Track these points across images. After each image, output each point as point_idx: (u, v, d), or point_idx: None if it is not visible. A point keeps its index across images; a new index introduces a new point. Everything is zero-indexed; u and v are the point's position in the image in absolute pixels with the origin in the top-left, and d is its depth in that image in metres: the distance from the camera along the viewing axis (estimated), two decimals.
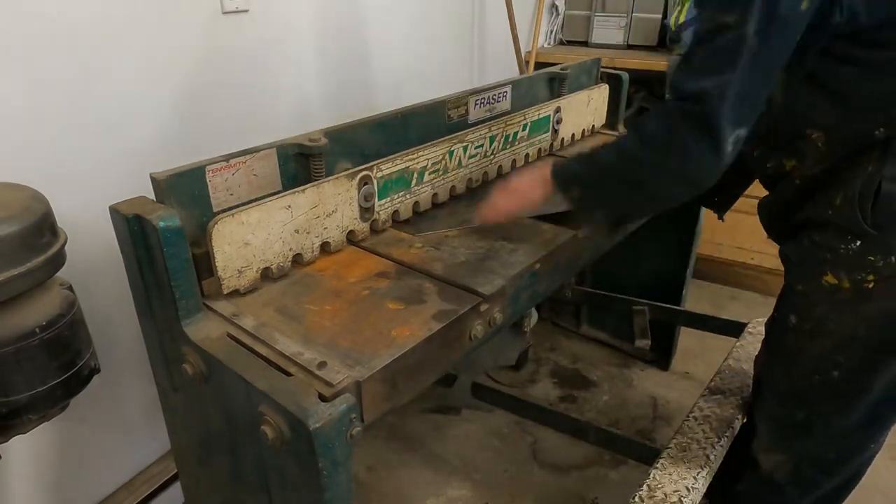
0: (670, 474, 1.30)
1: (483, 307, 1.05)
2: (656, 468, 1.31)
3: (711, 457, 1.35)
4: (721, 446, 1.38)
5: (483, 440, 1.95)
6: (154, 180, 0.99)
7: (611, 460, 1.86)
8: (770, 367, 1.28)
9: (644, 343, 2.14)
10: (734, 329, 1.90)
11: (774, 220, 1.23)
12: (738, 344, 1.73)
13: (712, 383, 1.58)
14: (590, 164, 1.15)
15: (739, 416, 1.48)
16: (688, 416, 1.47)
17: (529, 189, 1.22)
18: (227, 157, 1.07)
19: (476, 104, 1.59)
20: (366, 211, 1.23)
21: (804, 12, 0.90)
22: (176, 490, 1.53)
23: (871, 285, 1.02)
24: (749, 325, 1.80)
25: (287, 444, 0.80)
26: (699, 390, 2.12)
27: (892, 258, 1.00)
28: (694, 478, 1.28)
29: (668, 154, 1.01)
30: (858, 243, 1.01)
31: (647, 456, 1.58)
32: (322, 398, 0.80)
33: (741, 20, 0.89)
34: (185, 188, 1.02)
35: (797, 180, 1.13)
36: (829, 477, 1.26)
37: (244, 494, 1.01)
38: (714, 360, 2.12)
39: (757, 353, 1.40)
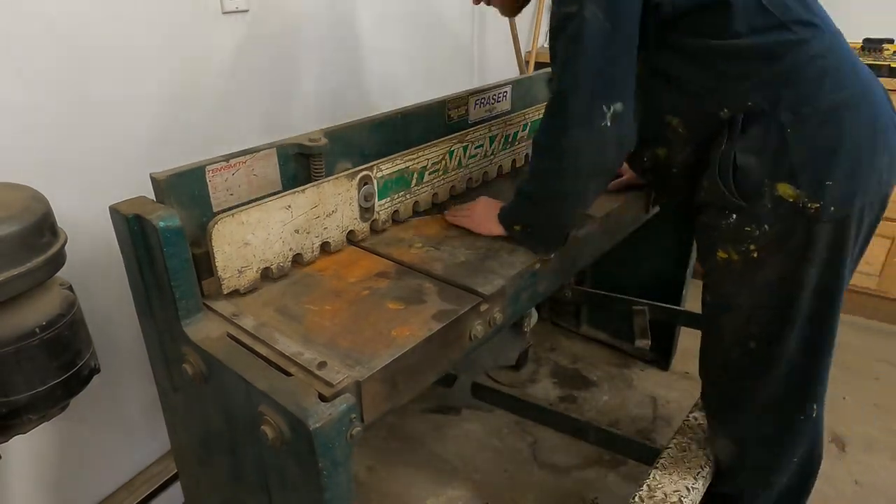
0: (670, 474, 1.30)
1: (483, 307, 1.05)
2: (656, 468, 1.31)
3: (711, 457, 1.35)
4: None
5: (483, 440, 1.95)
6: (154, 180, 0.99)
7: (611, 460, 1.86)
8: (702, 351, 1.32)
9: (644, 343, 2.14)
10: None
11: (681, 212, 1.27)
12: None
13: None
14: (517, 198, 1.19)
15: None
16: (688, 417, 1.47)
17: (492, 225, 1.25)
18: (227, 157, 1.07)
19: (476, 104, 1.59)
20: (366, 211, 1.23)
21: None
22: (176, 490, 1.53)
23: (755, 255, 1.08)
24: None
25: (287, 444, 0.80)
26: (699, 390, 2.12)
27: (765, 226, 1.06)
28: (694, 478, 1.29)
29: (558, 157, 1.06)
30: (734, 217, 1.08)
31: (647, 456, 1.58)
32: (322, 398, 0.80)
33: (580, 6, 0.97)
34: (185, 188, 1.02)
35: (674, 168, 1.19)
36: (775, 457, 1.28)
37: (244, 494, 1.01)
38: None
39: None
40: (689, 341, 2.27)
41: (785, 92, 1.01)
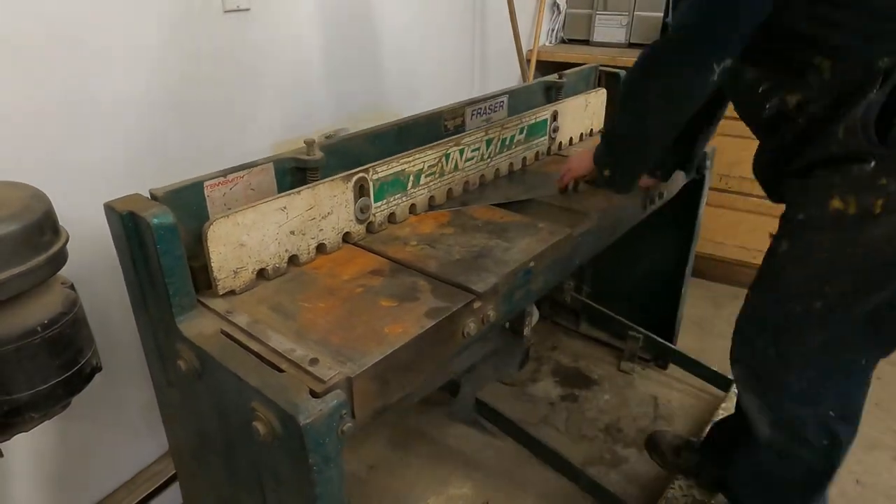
0: None
1: (476, 305, 1.06)
2: None
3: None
4: None
5: (484, 439, 1.95)
6: (153, 195, 1.00)
7: (611, 459, 1.86)
8: (752, 297, 1.27)
9: (629, 367, 2.17)
10: (722, 383, 1.92)
11: (772, 170, 1.22)
12: (723, 406, 1.73)
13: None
14: (604, 138, 1.32)
15: None
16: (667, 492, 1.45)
17: (585, 164, 1.43)
18: (225, 173, 1.08)
19: (473, 114, 1.60)
20: (361, 213, 1.24)
21: None
22: (177, 489, 1.53)
23: (878, 209, 1.02)
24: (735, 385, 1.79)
25: (279, 440, 0.82)
26: (700, 390, 2.12)
27: None
28: None
29: (651, 97, 1.13)
30: (873, 164, 1.01)
31: None
32: (313, 394, 0.81)
33: None
34: (184, 202, 1.03)
35: (800, 119, 1.11)
36: (807, 407, 1.23)
37: (239, 490, 1.03)
38: (714, 361, 2.12)
39: None
40: (689, 341, 2.28)
41: None
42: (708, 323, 2.51)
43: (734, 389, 1.79)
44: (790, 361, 1.20)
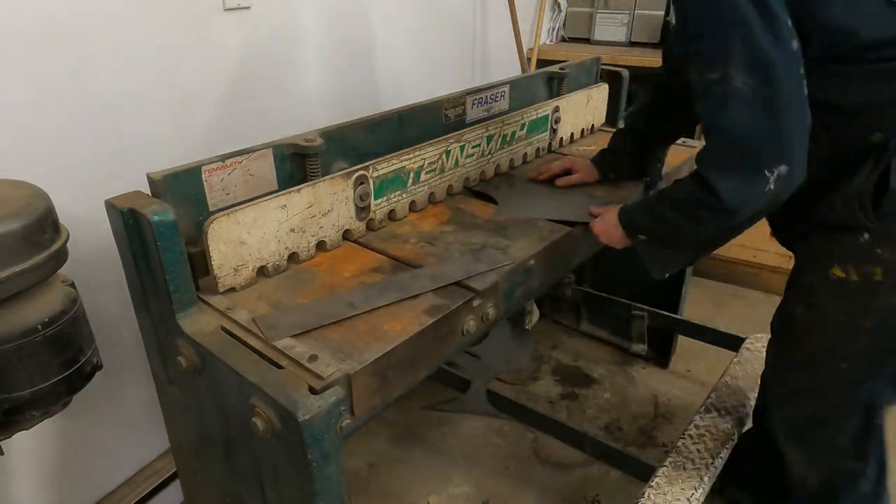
0: (664, 494, 1.29)
1: (476, 302, 1.06)
2: (650, 487, 1.30)
3: (706, 478, 1.33)
4: (715, 466, 1.36)
5: (485, 437, 1.96)
6: (151, 180, 1.01)
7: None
8: (777, 362, 1.27)
9: (640, 348, 2.15)
10: (732, 343, 1.90)
11: (781, 225, 1.24)
12: (735, 360, 1.71)
13: (709, 400, 1.57)
14: (650, 218, 1.18)
15: (735, 436, 1.47)
16: (683, 434, 1.46)
17: (613, 231, 1.27)
18: (223, 157, 1.08)
19: (473, 104, 1.60)
20: (362, 210, 1.24)
21: (796, 51, 0.94)
22: (178, 486, 1.54)
23: (878, 278, 1.04)
24: (747, 341, 1.79)
25: (278, 436, 0.82)
26: (700, 389, 2.13)
27: None
28: (688, 500, 1.27)
29: (696, 218, 1.05)
30: (866, 236, 1.03)
31: (643, 472, 1.57)
32: (312, 391, 0.82)
33: (724, 73, 0.93)
34: (182, 188, 1.03)
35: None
36: (854, 461, 1.23)
37: (238, 486, 1.03)
38: (715, 359, 2.12)
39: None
40: (690, 340, 2.27)
41: None
42: (709, 322, 2.48)
43: (745, 346, 1.78)
44: (829, 420, 1.21)
